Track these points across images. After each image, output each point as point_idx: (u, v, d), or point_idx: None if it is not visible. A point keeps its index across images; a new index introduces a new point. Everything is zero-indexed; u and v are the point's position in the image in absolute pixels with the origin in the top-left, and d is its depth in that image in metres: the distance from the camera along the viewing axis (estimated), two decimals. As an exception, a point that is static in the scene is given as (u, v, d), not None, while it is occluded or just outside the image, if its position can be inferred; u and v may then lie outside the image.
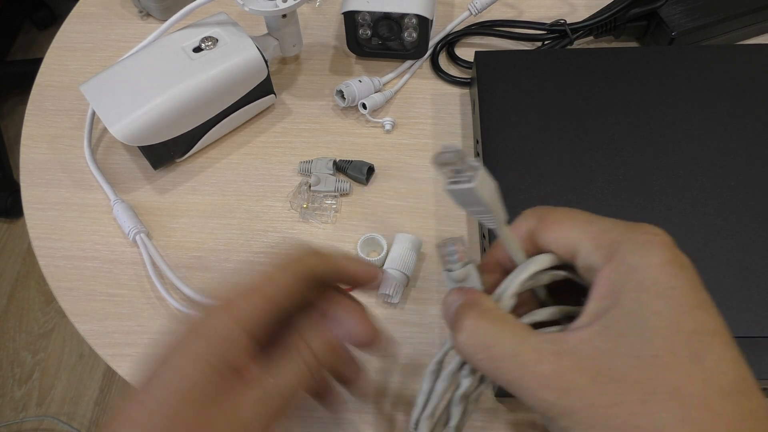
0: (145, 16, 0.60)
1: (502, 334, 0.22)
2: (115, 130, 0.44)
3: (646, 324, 0.20)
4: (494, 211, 0.24)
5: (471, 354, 0.23)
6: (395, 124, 0.52)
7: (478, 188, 0.23)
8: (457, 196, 0.24)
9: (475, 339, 0.22)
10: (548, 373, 0.21)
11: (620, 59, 0.47)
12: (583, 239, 0.23)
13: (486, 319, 0.23)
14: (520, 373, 0.21)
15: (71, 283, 0.46)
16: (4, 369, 1.19)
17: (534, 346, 0.21)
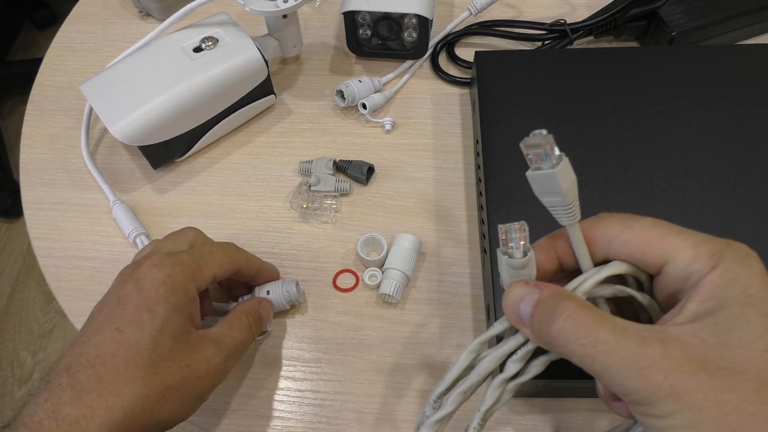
0: (145, 16, 0.60)
1: (604, 321, 0.23)
2: (115, 129, 0.44)
3: (757, 322, 0.21)
4: (571, 204, 0.25)
5: (573, 339, 0.23)
6: (395, 124, 0.52)
7: (559, 174, 0.24)
8: (538, 181, 0.25)
9: (578, 324, 0.23)
10: (655, 354, 0.21)
11: (620, 59, 0.47)
12: (681, 248, 0.24)
13: (585, 308, 0.24)
14: (625, 354, 0.22)
15: (71, 283, 0.46)
16: (4, 369, 1.19)
17: (636, 333, 0.22)
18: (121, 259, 0.47)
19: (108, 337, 0.31)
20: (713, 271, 0.23)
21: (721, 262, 0.23)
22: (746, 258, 0.23)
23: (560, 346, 0.24)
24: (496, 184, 0.42)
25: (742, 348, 0.21)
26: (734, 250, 0.24)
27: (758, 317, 0.22)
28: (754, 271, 0.23)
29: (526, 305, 0.25)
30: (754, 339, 0.21)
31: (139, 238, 0.46)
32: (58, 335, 1.23)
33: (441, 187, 0.49)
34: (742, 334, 0.21)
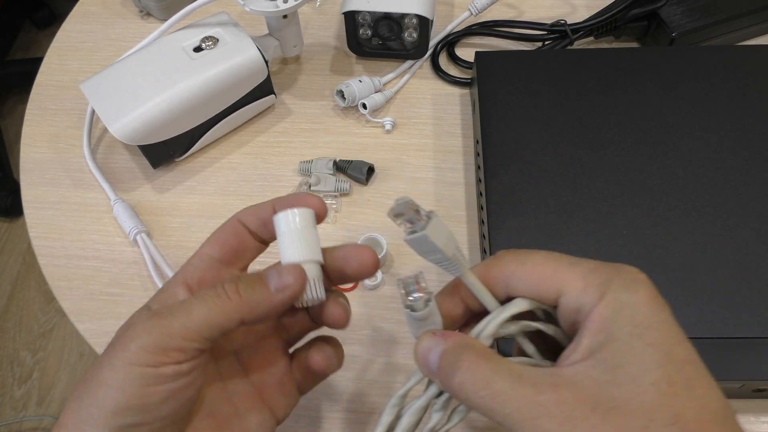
0: (146, 16, 0.60)
1: (500, 370, 0.23)
2: (115, 129, 0.44)
3: (643, 355, 0.21)
4: (453, 257, 0.25)
5: (473, 392, 0.23)
6: (395, 124, 0.52)
7: (430, 235, 0.24)
8: (414, 245, 0.25)
9: (476, 376, 0.23)
10: (549, 402, 0.21)
11: (620, 60, 0.47)
12: (571, 280, 0.24)
13: (483, 358, 0.23)
14: (520, 405, 0.22)
15: (71, 282, 0.46)
16: (4, 368, 1.19)
17: (533, 380, 0.22)
18: (121, 259, 0.47)
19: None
20: (600, 302, 0.23)
21: (608, 292, 0.23)
22: (633, 284, 0.23)
23: (464, 399, 0.23)
24: (496, 185, 0.42)
25: (630, 384, 0.21)
26: (622, 276, 0.23)
27: (644, 348, 0.21)
28: (640, 297, 0.22)
29: (433, 356, 0.25)
30: (641, 373, 0.21)
31: (140, 236, 0.46)
32: (58, 334, 1.23)
33: (441, 187, 0.49)
34: (629, 369, 0.21)
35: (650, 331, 0.22)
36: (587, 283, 0.23)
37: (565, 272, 0.24)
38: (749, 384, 0.36)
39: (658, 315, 0.22)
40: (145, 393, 0.24)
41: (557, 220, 0.41)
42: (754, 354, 0.36)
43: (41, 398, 1.16)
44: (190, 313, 0.25)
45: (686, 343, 0.22)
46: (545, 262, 0.25)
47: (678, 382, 0.21)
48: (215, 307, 0.25)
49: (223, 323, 0.25)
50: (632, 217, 0.41)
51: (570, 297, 0.24)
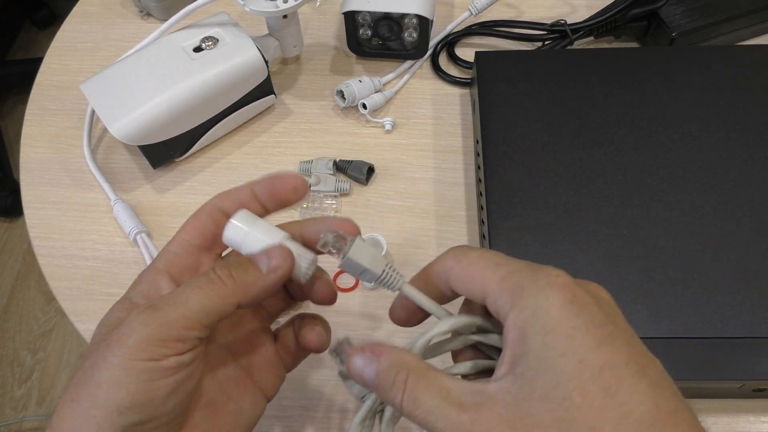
0: (146, 16, 0.60)
1: (430, 388, 0.23)
2: (115, 129, 0.44)
3: (554, 366, 0.20)
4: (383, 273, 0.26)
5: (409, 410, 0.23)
6: (395, 124, 0.52)
7: (353, 257, 0.26)
8: (347, 268, 0.26)
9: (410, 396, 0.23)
10: (470, 422, 0.21)
11: (620, 60, 0.47)
12: (490, 283, 0.23)
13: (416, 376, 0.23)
14: (446, 425, 0.22)
15: (71, 282, 0.46)
16: (4, 368, 1.19)
17: (457, 398, 0.22)
18: (121, 259, 0.47)
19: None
20: (512, 310, 0.22)
21: (519, 299, 0.22)
22: (545, 288, 0.22)
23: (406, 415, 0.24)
24: (496, 184, 0.42)
25: (543, 400, 0.20)
26: (536, 280, 0.22)
27: (556, 360, 0.20)
28: (551, 303, 0.21)
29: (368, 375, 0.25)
30: (553, 388, 0.20)
31: (140, 236, 0.46)
32: (58, 334, 1.23)
33: (441, 187, 0.49)
34: (543, 384, 0.20)
35: (562, 340, 0.21)
36: (502, 287, 0.23)
37: (488, 273, 0.24)
38: (749, 384, 0.36)
39: (571, 321, 0.21)
40: (149, 388, 0.23)
41: (557, 220, 0.41)
42: (754, 354, 0.36)
43: (41, 398, 1.16)
44: (186, 302, 0.25)
45: (608, 346, 0.21)
46: (477, 261, 0.25)
47: (593, 392, 0.20)
48: (211, 293, 0.25)
49: (220, 308, 0.25)
50: (632, 217, 0.41)
51: (490, 300, 0.23)
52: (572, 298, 0.22)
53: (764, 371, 0.35)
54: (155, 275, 0.28)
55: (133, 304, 0.27)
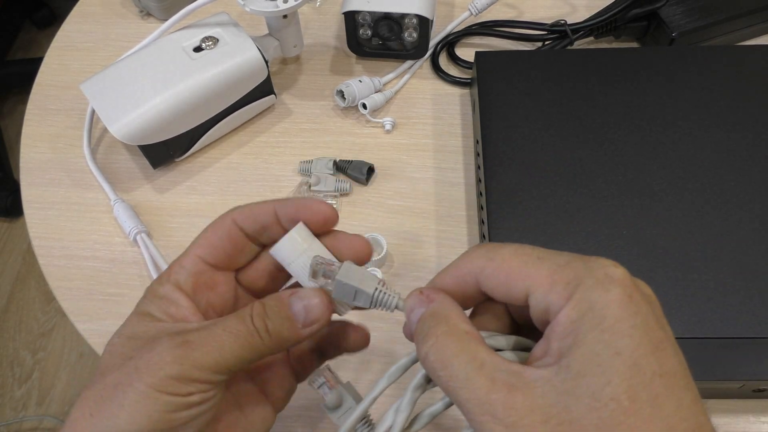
0: (146, 16, 0.60)
1: (463, 354, 0.22)
2: (115, 129, 0.44)
3: (607, 365, 0.19)
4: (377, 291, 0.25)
5: (432, 368, 0.22)
6: (395, 124, 0.52)
7: (343, 278, 0.25)
8: (339, 293, 0.26)
9: (438, 354, 0.22)
10: (497, 403, 0.20)
11: (620, 60, 0.47)
12: (537, 279, 0.22)
13: (452, 335, 0.22)
14: (471, 396, 0.21)
15: (71, 282, 0.46)
16: (4, 368, 1.19)
17: (489, 374, 0.21)
18: (121, 259, 0.47)
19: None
20: (568, 302, 0.21)
21: (576, 291, 0.21)
22: (604, 282, 0.21)
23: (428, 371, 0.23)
24: (496, 185, 0.42)
25: (589, 397, 0.19)
26: (593, 273, 0.21)
27: (610, 358, 0.19)
28: (611, 297, 0.20)
29: (414, 317, 0.24)
30: (601, 386, 0.19)
31: (140, 236, 0.46)
32: (58, 334, 1.23)
33: (441, 187, 0.49)
34: (591, 380, 0.19)
35: (619, 338, 0.20)
36: (554, 281, 0.22)
37: (532, 269, 0.22)
38: (749, 384, 0.36)
39: (630, 319, 0.20)
40: (171, 418, 0.24)
41: (557, 220, 0.41)
42: (754, 354, 0.36)
43: (41, 398, 1.16)
44: (222, 348, 0.24)
45: (662, 352, 0.20)
46: (513, 257, 0.23)
47: (642, 399, 0.19)
48: (246, 344, 0.25)
49: (251, 358, 0.25)
50: (632, 217, 0.41)
51: (537, 296, 0.22)
52: (631, 294, 0.21)
53: (764, 371, 0.35)
54: (172, 291, 0.27)
55: (154, 320, 0.26)
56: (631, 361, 0.19)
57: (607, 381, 0.19)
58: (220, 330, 0.25)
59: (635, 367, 0.19)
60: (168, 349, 0.24)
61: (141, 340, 0.25)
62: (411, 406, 0.25)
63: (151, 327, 0.26)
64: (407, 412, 0.25)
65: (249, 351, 0.25)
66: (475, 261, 0.24)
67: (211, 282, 0.28)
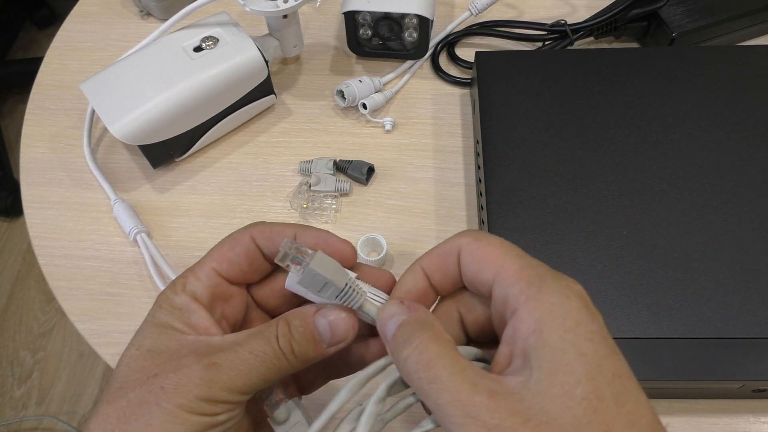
0: (146, 16, 0.60)
1: (446, 358, 0.22)
2: (115, 129, 0.44)
3: (574, 365, 0.21)
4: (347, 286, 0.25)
5: (414, 370, 0.23)
6: (395, 124, 0.52)
7: (316, 267, 0.25)
8: (306, 284, 0.25)
9: (421, 356, 0.23)
10: (482, 406, 0.21)
11: (621, 60, 0.47)
12: (505, 269, 0.24)
13: (435, 341, 0.23)
14: (453, 399, 0.21)
15: (71, 282, 0.46)
16: (4, 368, 1.19)
17: (471, 378, 0.22)
18: (121, 259, 0.47)
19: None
20: (528, 300, 0.22)
21: (537, 291, 0.22)
22: (564, 290, 0.22)
23: (405, 374, 0.23)
24: (496, 185, 0.42)
25: (562, 396, 0.20)
26: (556, 280, 0.23)
27: (576, 358, 0.21)
28: (571, 303, 0.22)
29: (392, 325, 0.25)
30: (572, 386, 0.20)
31: (140, 235, 0.46)
32: (57, 334, 1.23)
33: (441, 187, 0.49)
34: (563, 379, 0.21)
35: (581, 340, 0.21)
36: (520, 277, 0.23)
37: (506, 259, 0.24)
38: (749, 384, 0.36)
39: (588, 325, 0.22)
40: None
41: (557, 220, 0.41)
42: (753, 354, 0.36)
43: (41, 398, 1.16)
44: (250, 372, 0.25)
45: (617, 356, 0.22)
46: (496, 245, 0.25)
47: (608, 397, 0.20)
48: (272, 366, 0.25)
49: (276, 378, 0.26)
50: (632, 217, 0.41)
51: (501, 285, 0.23)
52: (588, 305, 0.22)
53: (764, 372, 0.35)
54: (190, 301, 0.27)
55: (176, 332, 0.26)
56: (595, 362, 0.21)
57: (576, 381, 0.21)
58: (246, 353, 0.25)
59: (598, 368, 0.21)
60: (197, 371, 0.24)
61: (164, 354, 0.25)
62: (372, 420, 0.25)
63: (173, 340, 0.26)
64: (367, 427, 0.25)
65: (275, 372, 0.25)
66: (464, 237, 0.26)
67: (227, 294, 0.28)
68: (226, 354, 0.25)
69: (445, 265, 0.26)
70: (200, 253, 0.28)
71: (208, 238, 0.47)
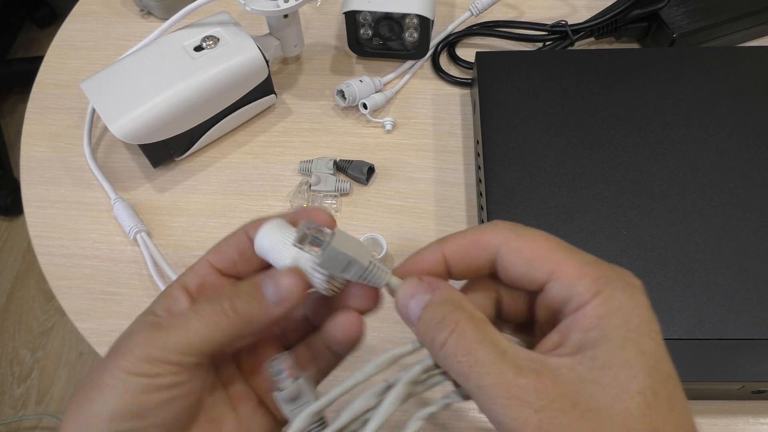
0: (146, 15, 0.60)
1: (486, 340, 0.22)
2: (115, 128, 0.44)
3: (634, 360, 0.21)
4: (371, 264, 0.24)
5: (452, 354, 0.22)
6: (396, 124, 0.52)
7: (338, 246, 0.23)
8: (328, 264, 0.24)
9: (460, 340, 0.22)
10: (528, 386, 0.20)
11: (621, 60, 0.47)
12: (565, 268, 0.23)
13: (471, 322, 0.22)
14: (497, 381, 0.21)
15: (71, 281, 0.46)
16: (3, 367, 1.19)
17: (515, 359, 0.21)
18: (121, 258, 0.47)
19: None
20: (595, 298, 0.22)
21: (605, 289, 0.22)
22: (630, 288, 0.22)
23: (441, 358, 0.23)
24: (497, 185, 0.42)
25: (615, 388, 0.20)
26: (620, 276, 0.22)
27: (637, 355, 0.21)
28: (637, 302, 0.22)
29: (415, 305, 0.24)
30: (628, 379, 0.20)
31: (140, 235, 0.46)
32: (57, 333, 1.23)
33: (441, 187, 0.49)
34: (618, 372, 0.20)
35: (644, 339, 0.21)
36: (583, 274, 0.22)
37: (561, 256, 0.23)
38: (749, 385, 0.36)
39: (651, 324, 0.22)
40: (141, 400, 0.24)
41: (557, 220, 0.41)
42: (753, 355, 0.36)
43: (40, 397, 1.16)
44: (188, 329, 0.25)
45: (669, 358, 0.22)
46: (542, 240, 0.24)
47: (662, 395, 0.20)
48: (212, 324, 0.25)
49: (220, 339, 0.25)
50: (632, 218, 0.41)
51: (561, 284, 0.23)
52: (649, 304, 0.22)
53: (764, 373, 0.35)
54: (177, 290, 0.28)
55: (155, 316, 0.27)
56: (654, 360, 0.21)
57: (634, 374, 0.20)
58: (190, 313, 0.25)
59: (656, 367, 0.21)
60: (141, 333, 0.25)
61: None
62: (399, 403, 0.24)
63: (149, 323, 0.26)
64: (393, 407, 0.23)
65: (216, 331, 0.25)
66: (503, 232, 0.24)
67: (217, 285, 0.28)
68: (173, 317, 0.25)
69: (472, 257, 0.25)
70: (200, 252, 0.29)
71: (208, 237, 0.47)
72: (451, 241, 0.25)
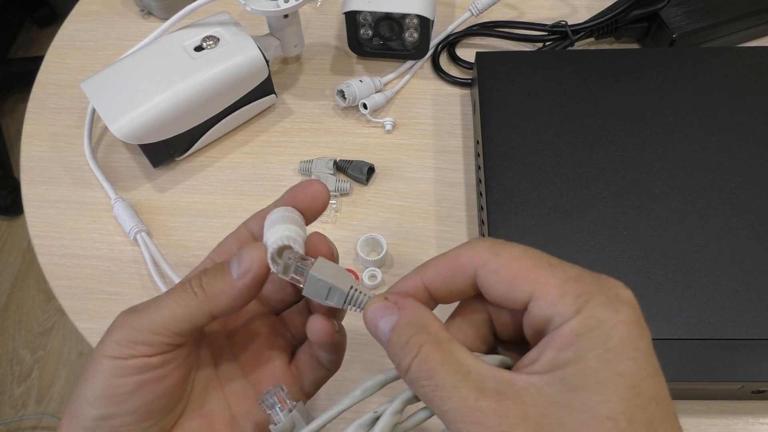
0: (147, 15, 0.60)
1: (449, 362, 0.21)
2: (115, 128, 0.44)
3: (607, 383, 0.19)
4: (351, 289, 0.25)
5: (416, 379, 0.22)
6: (396, 124, 0.52)
7: (317, 273, 0.24)
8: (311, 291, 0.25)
9: (422, 364, 0.21)
10: (488, 411, 0.20)
11: (621, 61, 0.47)
12: (545, 286, 0.21)
13: (436, 345, 0.22)
14: (459, 405, 0.20)
15: (71, 281, 0.46)
16: (3, 367, 1.19)
17: (477, 381, 0.20)
18: (121, 258, 0.47)
19: None
20: (575, 316, 0.20)
21: (586, 306, 0.20)
22: (614, 303, 0.20)
23: (408, 383, 0.22)
24: (497, 185, 0.43)
25: (584, 412, 0.19)
26: (604, 291, 0.21)
27: (611, 377, 0.19)
28: (620, 318, 0.20)
29: (384, 325, 0.23)
30: (599, 403, 0.19)
31: (140, 235, 0.46)
32: (57, 333, 1.23)
33: (441, 187, 0.49)
34: (588, 396, 0.19)
35: (622, 359, 0.20)
36: (564, 291, 0.21)
37: (542, 273, 0.22)
38: (748, 385, 0.36)
39: (634, 342, 0.20)
40: (113, 383, 0.24)
41: (557, 220, 0.41)
42: (753, 355, 0.36)
43: (41, 397, 1.16)
44: (158, 309, 0.25)
45: (658, 378, 0.20)
46: (522, 257, 0.22)
47: (639, 421, 0.19)
48: (181, 302, 0.25)
49: (190, 318, 0.25)
50: (632, 218, 0.41)
51: (542, 304, 0.21)
52: (638, 318, 0.21)
53: (764, 373, 0.35)
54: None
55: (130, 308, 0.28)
56: (632, 383, 0.19)
57: (605, 399, 0.19)
58: (163, 294, 0.26)
59: (634, 390, 0.19)
60: (119, 317, 0.26)
61: None
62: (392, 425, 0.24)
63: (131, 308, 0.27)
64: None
65: (184, 309, 0.25)
66: (480, 253, 0.23)
67: None
68: (148, 300, 0.26)
69: (452, 282, 0.24)
70: (200, 252, 0.29)
71: (208, 237, 0.47)
72: (430, 267, 0.25)
